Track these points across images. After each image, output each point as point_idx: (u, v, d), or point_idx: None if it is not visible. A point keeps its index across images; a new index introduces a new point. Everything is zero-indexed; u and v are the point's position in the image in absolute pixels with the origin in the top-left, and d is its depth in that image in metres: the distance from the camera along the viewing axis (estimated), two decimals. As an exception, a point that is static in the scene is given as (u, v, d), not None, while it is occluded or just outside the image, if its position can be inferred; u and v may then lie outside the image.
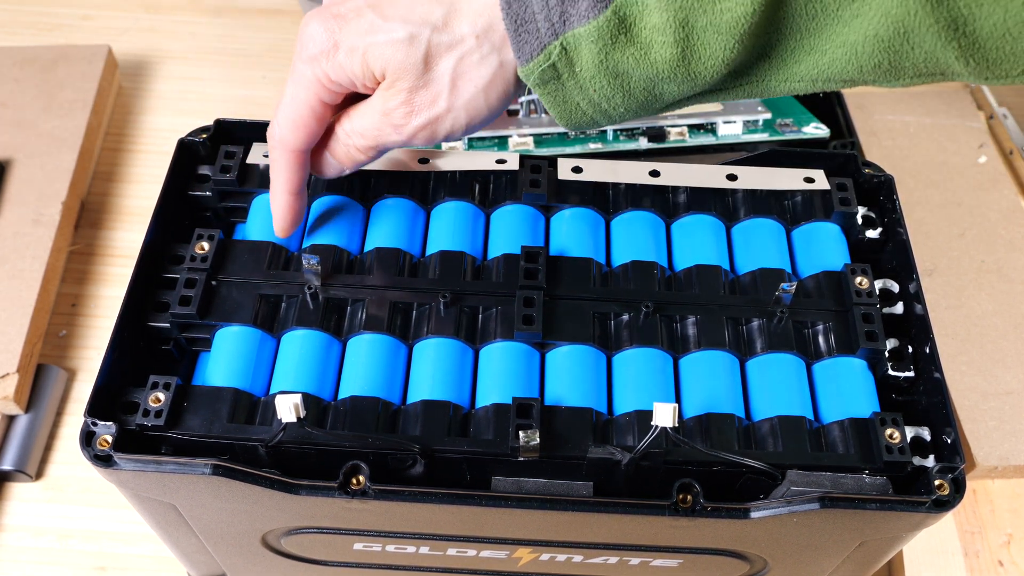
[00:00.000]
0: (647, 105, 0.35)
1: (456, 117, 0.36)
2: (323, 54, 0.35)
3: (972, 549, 0.51)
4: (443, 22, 0.34)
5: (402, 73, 0.35)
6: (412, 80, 0.35)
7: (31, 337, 0.55)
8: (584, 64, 0.33)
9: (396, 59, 0.34)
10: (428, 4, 0.34)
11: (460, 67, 0.34)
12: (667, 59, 0.32)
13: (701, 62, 0.32)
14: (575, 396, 0.37)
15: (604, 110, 0.35)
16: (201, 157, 0.43)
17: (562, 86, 0.34)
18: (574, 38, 0.32)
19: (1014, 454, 0.51)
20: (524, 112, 0.60)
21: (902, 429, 0.35)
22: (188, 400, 0.36)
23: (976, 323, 0.56)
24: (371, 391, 0.37)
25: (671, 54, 0.32)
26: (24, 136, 0.63)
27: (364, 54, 0.34)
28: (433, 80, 0.35)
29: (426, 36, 0.34)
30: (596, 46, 0.32)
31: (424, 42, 0.34)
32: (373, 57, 0.34)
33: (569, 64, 0.33)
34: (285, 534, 0.39)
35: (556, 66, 0.33)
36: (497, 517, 0.35)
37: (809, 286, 0.40)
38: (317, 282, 0.39)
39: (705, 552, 0.38)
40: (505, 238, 0.41)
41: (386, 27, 0.34)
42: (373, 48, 0.34)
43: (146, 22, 0.77)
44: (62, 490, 0.54)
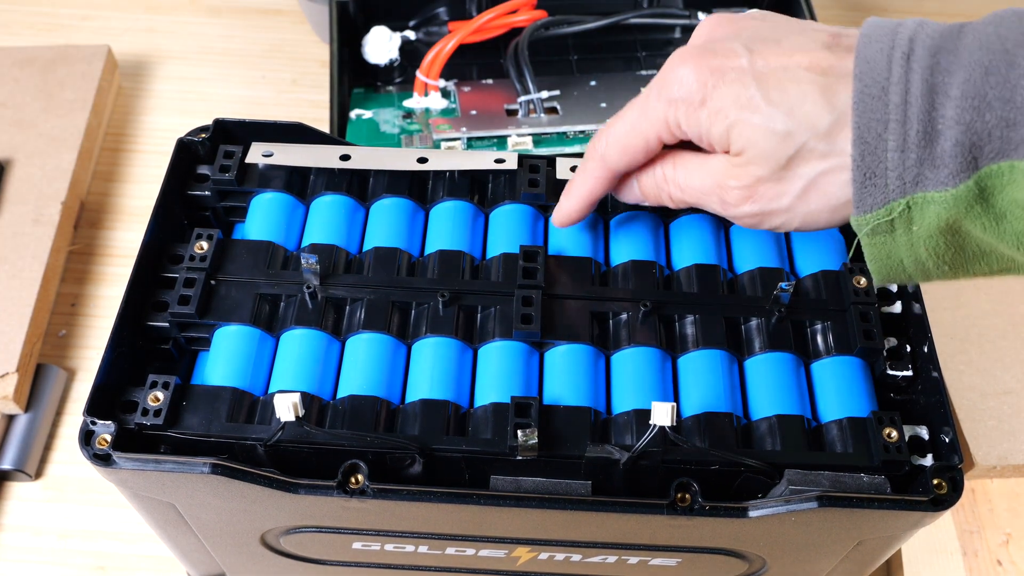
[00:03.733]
0: (971, 268, 0.33)
1: (790, 219, 0.34)
2: (685, 102, 0.33)
3: (971, 548, 0.51)
4: (827, 131, 0.31)
5: (761, 162, 0.33)
6: (767, 172, 0.33)
7: (31, 337, 0.55)
8: (925, 224, 0.31)
9: (762, 147, 0.32)
10: (817, 105, 0.31)
11: (821, 179, 0.32)
12: (1019, 231, 0.30)
13: None
14: (573, 395, 0.37)
15: (926, 269, 0.33)
16: (200, 157, 0.43)
17: (892, 240, 0.32)
18: (923, 200, 0.30)
19: (1012, 453, 0.51)
20: (523, 112, 0.60)
21: (900, 428, 0.36)
22: (187, 399, 0.36)
23: (975, 323, 0.56)
24: (370, 390, 0.37)
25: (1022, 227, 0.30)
26: (24, 136, 0.63)
27: (731, 126, 0.32)
28: (787, 179, 0.33)
29: (804, 139, 0.32)
30: (947, 212, 0.30)
31: (799, 144, 0.32)
32: (738, 133, 0.32)
33: (908, 222, 0.31)
34: (284, 533, 0.39)
35: (894, 222, 0.31)
36: (496, 516, 0.35)
37: (807, 285, 0.40)
38: (316, 281, 0.39)
39: (703, 551, 0.38)
40: (504, 237, 0.41)
41: (767, 111, 0.32)
42: (743, 126, 0.32)
43: (146, 22, 0.77)
44: (62, 490, 0.54)
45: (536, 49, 0.63)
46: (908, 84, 0.30)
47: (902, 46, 0.31)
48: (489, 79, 0.64)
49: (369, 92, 0.64)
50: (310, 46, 0.75)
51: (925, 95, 0.30)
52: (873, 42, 0.31)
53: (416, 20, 0.66)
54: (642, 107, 0.35)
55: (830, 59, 0.32)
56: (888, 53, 0.31)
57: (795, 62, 0.32)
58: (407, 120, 0.61)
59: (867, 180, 0.31)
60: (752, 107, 0.32)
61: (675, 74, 0.34)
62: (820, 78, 0.32)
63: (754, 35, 0.33)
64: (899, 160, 0.30)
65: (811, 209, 0.33)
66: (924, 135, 0.30)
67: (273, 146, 0.43)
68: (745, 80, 0.32)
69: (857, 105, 0.31)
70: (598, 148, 0.37)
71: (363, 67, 0.65)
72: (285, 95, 0.72)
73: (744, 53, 0.33)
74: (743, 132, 0.32)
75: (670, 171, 0.36)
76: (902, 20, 0.32)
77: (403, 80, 0.65)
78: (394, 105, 0.62)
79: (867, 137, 0.31)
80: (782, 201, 0.33)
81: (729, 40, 0.33)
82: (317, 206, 0.42)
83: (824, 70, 0.32)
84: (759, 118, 0.32)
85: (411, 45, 0.65)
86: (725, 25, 0.35)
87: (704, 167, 0.35)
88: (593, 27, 0.64)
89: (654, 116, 0.34)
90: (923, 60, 0.30)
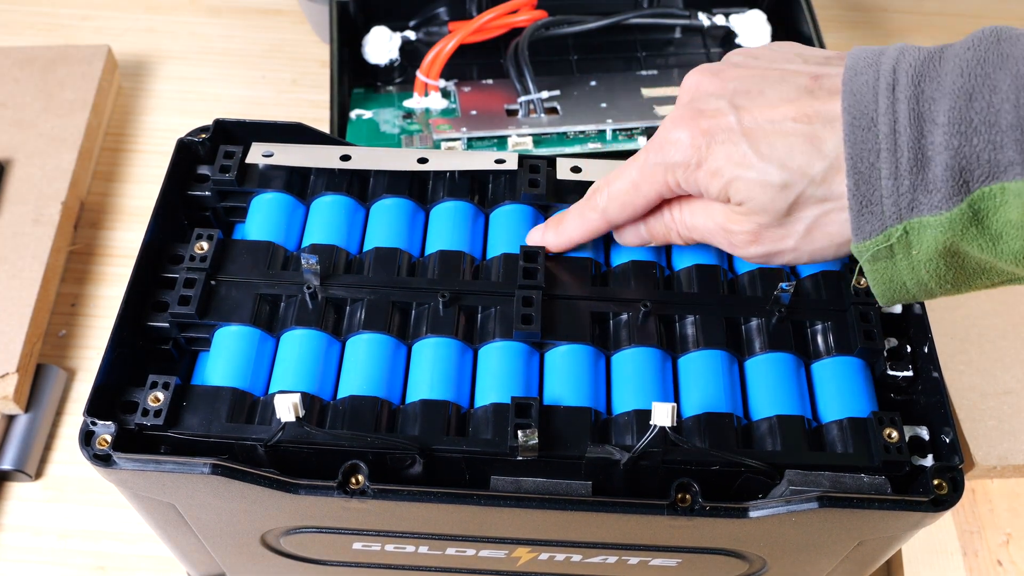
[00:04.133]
0: (972, 284, 0.33)
1: (798, 257, 0.35)
2: (683, 166, 0.35)
3: (971, 549, 0.51)
4: (822, 177, 0.32)
5: (761, 212, 0.34)
6: (768, 220, 0.34)
7: (31, 337, 0.55)
8: (923, 248, 0.32)
9: (761, 200, 0.33)
10: (808, 155, 0.32)
11: (822, 219, 0.34)
12: (1016, 250, 0.31)
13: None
14: (574, 396, 0.37)
15: (929, 289, 0.34)
16: (200, 157, 0.43)
17: (893, 265, 0.33)
18: (920, 225, 0.31)
19: (1013, 453, 0.51)
20: (523, 112, 0.60)
21: (900, 428, 0.36)
22: (187, 400, 0.36)
23: (975, 323, 0.56)
24: (370, 391, 0.37)
25: (1020, 246, 0.31)
26: (24, 136, 0.63)
27: (728, 183, 0.34)
28: (789, 223, 0.34)
29: (800, 188, 0.33)
30: (943, 235, 0.31)
31: (796, 193, 0.33)
32: (736, 189, 0.34)
33: (907, 246, 0.32)
34: (284, 533, 0.39)
35: (893, 247, 0.32)
36: (496, 516, 0.35)
37: (807, 286, 0.40)
38: (316, 282, 0.39)
39: (703, 551, 0.38)
40: (504, 238, 0.41)
41: (760, 167, 0.33)
42: (740, 182, 0.33)
43: (146, 22, 0.77)
44: (62, 490, 0.54)
45: (536, 49, 0.63)
46: (895, 114, 0.31)
47: (886, 76, 0.31)
48: (489, 79, 0.64)
49: (369, 92, 0.64)
50: (310, 46, 0.75)
51: (913, 123, 0.31)
52: (859, 75, 0.32)
53: (416, 20, 0.66)
54: (641, 168, 0.36)
55: (814, 105, 0.33)
56: (873, 85, 0.32)
57: (781, 114, 0.33)
58: (407, 120, 0.61)
59: (863, 208, 0.32)
60: (746, 164, 0.33)
61: (670, 137, 0.35)
62: (806, 127, 0.33)
63: (737, 88, 0.34)
64: (893, 187, 0.31)
65: (816, 247, 0.35)
66: (915, 162, 0.31)
67: (273, 146, 0.43)
68: (735, 139, 0.33)
69: (848, 136, 0.31)
70: (599, 202, 0.38)
71: (363, 67, 0.65)
72: (285, 95, 0.72)
73: (730, 111, 0.34)
74: (741, 188, 0.34)
75: (677, 214, 0.37)
76: (884, 48, 0.33)
77: (403, 80, 0.65)
78: (394, 105, 0.62)
79: (860, 167, 0.31)
80: (787, 242, 0.35)
81: (715, 98, 0.35)
82: (317, 206, 0.42)
83: (810, 117, 0.33)
84: (754, 173, 0.33)
85: (411, 45, 0.65)
86: (709, 80, 0.36)
87: (707, 211, 0.36)
88: (593, 27, 0.64)
89: (653, 178, 0.36)
90: (907, 90, 0.31)
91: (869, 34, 0.78)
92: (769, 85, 0.34)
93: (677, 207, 0.37)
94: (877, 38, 0.78)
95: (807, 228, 0.34)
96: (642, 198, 0.37)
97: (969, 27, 0.79)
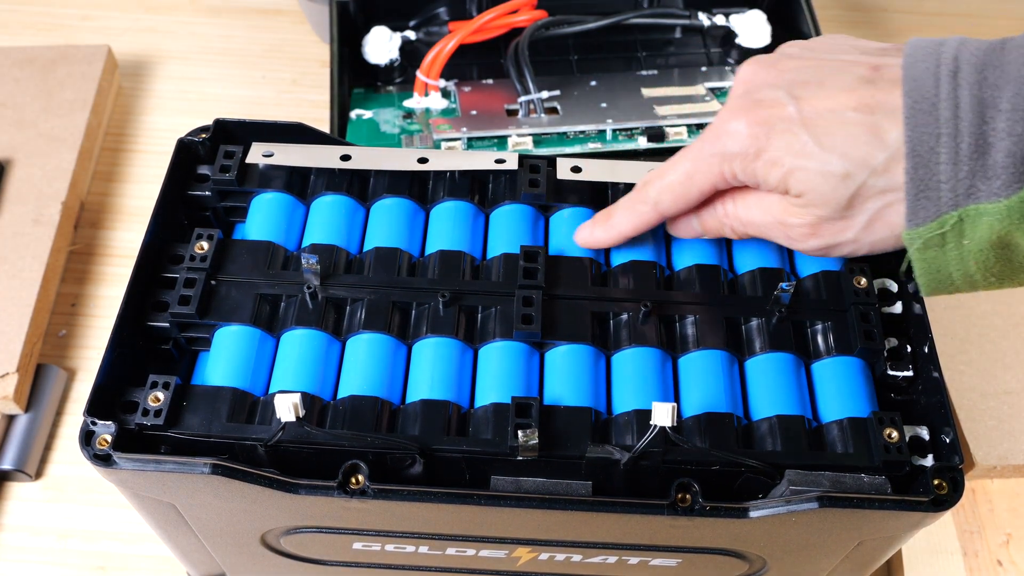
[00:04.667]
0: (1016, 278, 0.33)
1: (857, 248, 0.35)
2: (740, 156, 0.34)
3: (971, 549, 0.51)
4: (883, 167, 0.32)
5: (821, 204, 0.33)
6: (829, 212, 0.33)
7: (31, 337, 0.55)
8: (976, 237, 0.31)
9: (822, 191, 0.33)
10: (869, 144, 0.32)
11: (884, 211, 0.33)
12: None
13: None
14: (574, 396, 0.37)
15: (973, 281, 0.33)
16: (200, 157, 0.43)
17: (943, 255, 0.32)
18: (975, 212, 0.31)
19: (1013, 453, 0.51)
20: (523, 112, 0.60)
21: (901, 428, 0.36)
22: (187, 399, 0.36)
23: (975, 323, 0.56)
24: (370, 390, 0.37)
25: None
26: (24, 136, 0.63)
27: (787, 173, 0.33)
28: (850, 216, 0.33)
29: (862, 178, 0.32)
30: (999, 224, 0.31)
31: (858, 183, 0.32)
32: (796, 180, 0.33)
33: (959, 235, 0.32)
34: (284, 533, 0.39)
35: (945, 235, 0.32)
36: (496, 516, 0.35)
37: (808, 286, 0.40)
38: (316, 282, 0.39)
39: (704, 551, 0.38)
40: (504, 238, 0.41)
41: (821, 156, 0.32)
42: (801, 173, 0.33)
43: (146, 22, 0.77)
44: (62, 490, 0.54)
45: (536, 49, 0.63)
46: (957, 99, 0.31)
47: (947, 64, 0.31)
48: (489, 79, 0.64)
49: (369, 92, 0.64)
50: (310, 46, 0.75)
51: (975, 109, 0.30)
52: (919, 61, 0.32)
53: (416, 20, 0.66)
54: (695, 159, 0.36)
55: (875, 95, 0.32)
56: (935, 71, 0.31)
57: (841, 103, 0.33)
58: (407, 120, 0.61)
59: (920, 193, 0.31)
60: (806, 154, 0.33)
61: (727, 128, 0.34)
62: (868, 117, 0.32)
63: (795, 79, 0.34)
64: (951, 172, 0.31)
65: (877, 238, 0.34)
66: (976, 147, 0.30)
67: (273, 146, 0.43)
68: (795, 129, 0.33)
69: (908, 121, 0.31)
70: (650, 195, 0.37)
71: (363, 67, 0.65)
72: (285, 95, 0.72)
73: (790, 101, 0.33)
74: (801, 178, 0.33)
75: (731, 208, 0.37)
76: (943, 39, 0.32)
77: (403, 80, 0.64)
78: (394, 105, 0.62)
79: (920, 151, 0.31)
80: (847, 234, 0.34)
81: (772, 88, 0.34)
82: (317, 206, 0.42)
83: (871, 108, 0.32)
84: (815, 163, 0.32)
85: (411, 45, 0.65)
86: (764, 71, 0.35)
87: (762, 204, 0.36)
88: (593, 27, 0.64)
89: (708, 169, 0.35)
90: (970, 76, 0.31)
91: (869, 34, 0.78)
92: (827, 75, 0.33)
93: (731, 201, 0.37)
94: (877, 38, 0.78)
95: (868, 220, 0.33)
96: (696, 189, 0.36)
97: (969, 27, 0.79)
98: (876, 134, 0.32)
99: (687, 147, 0.36)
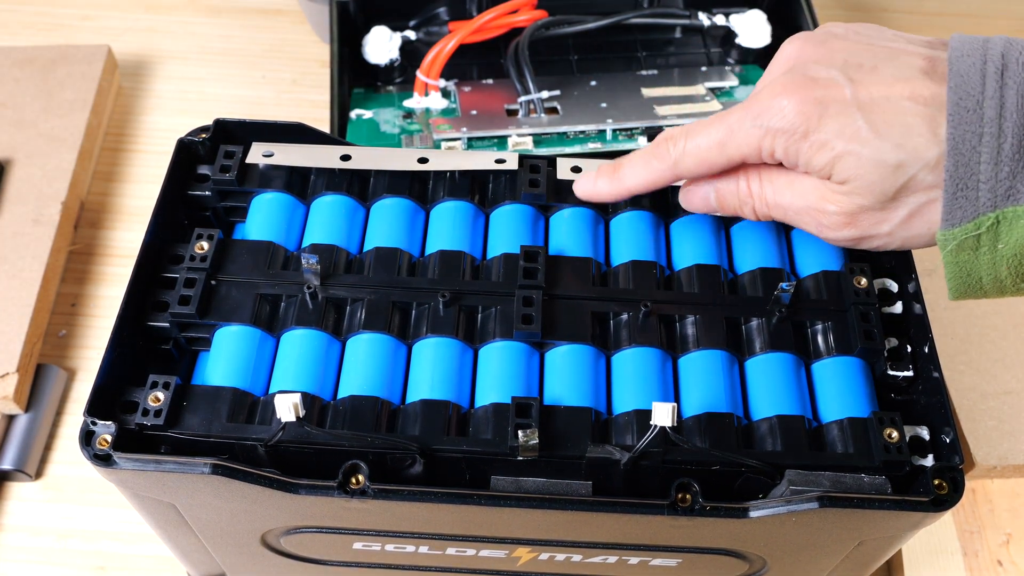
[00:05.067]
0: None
1: (889, 243, 0.34)
2: (786, 134, 0.32)
3: (971, 549, 0.51)
4: (936, 162, 0.31)
5: (866, 192, 0.32)
6: (871, 202, 0.32)
7: (31, 337, 0.55)
8: (1011, 241, 0.31)
9: (870, 179, 0.32)
10: (925, 137, 0.31)
11: (925, 207, 0.32)
12: None
13: None
14: (574, 396, 0.37)
15: (1003, 287, 0.33)
16: (200, 157, 0.43)
17: (976, 258, 0.32)
18: (1014, 214, 0.30)
19: (1013, 454, 0.51)
20: (523, 112, 0.60)
21: (901, 428, 0.35)
22: (187, 399, 0.36)
23: (975, 323, 0.56)
24: (370, 390, 0.37)
25: None
26: (24, 136, 0.63)
27: (836, 157, 0.32)
28: (892, 208, 0.32)
29: (914, 171, 0.31)
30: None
31: (908, 175, 0.31)
32: (845, 165, 0.32)
33: (994, 237, 0.31)
34: (284, 533, 0.39)
35: (980, 238, 0.31)
36: (496, 516, 0.35)
37: (808, 286, 0.40)
38: (316, 282, 0.39)
39: (704, 551, 0.38)
40: (504, 238, 0.41)
41: (876, 143, 0.31)
42: (851, 158, 0.32)
43: (146, 22, 0.77)
44: (62, 490, 0.54)
45: (536, 49, 0.63)
46: (1003, 99, 0.30)
47: (994, 61, 0.31)
48: (489, 79, 0.64)
49: (369, 92, 0.64)
50: (310, 46, 0.75)
51: (1020, 109, 0.30)
52: (965, 57, 0.31)
53: (416, 20, 0.66)
54: (731, 127, 0.34)
55: (931, 88, 0.32)
56: (981, 68, 0.31)
57: (897, 92, 0.32)
58: (407, 120, 0.61)
59: (958, 192, 0.31)
60: (860, 139, 0.31)
61: (775, 103, 0.33)
62: (924, 109, 0.31)
63: (849, 60, 0.33)
64: (992, 173, 0.30)
65: (912, 234, 0.33)
66: (1019, 148, 0.30)
67: (273, 146, 0.43)
68: (850, 112, 0.32)
69: (951, 118, 0.30)
70: (671, 152, 0.35)
71: (363, 67, 0.65)
72: (285, 95, 0.72)
73: (846, 83, 0.32)
74: (849, 163, 0.32)
75: (756, 186, 0.35)
76: (989, 37, 0.32)
77: (403, 80, 0.64)
78: (394, 105, 0.62)
79: (961, 149, 0.30)
80: (883, 227, 0.33)
81: (825, 67, 0.33)
82: (317, 206, 0.42)
83: (927, 100, 0.31)
84: (868, 150, 0.31)
85: (411, 45, 0.65)
86: (814, 48, 0.34)
87: (795, 187, 0.34)
88: (593, 27, 0.64)
89: (744, 140, 0.34)
90: (1017, 76, 0.30)
91: (869, 34, 0.78)
92: (882, 61, 0.32)
93: (757, 179, 0.35)
94: (877, 38, 0.78)
95: (908, 214, 0.32)
96: (725, 158, 0.34)
97: (969, 27, 0.79)
98: (931, 127, 0.31)
99: (722, 113, 0.34)
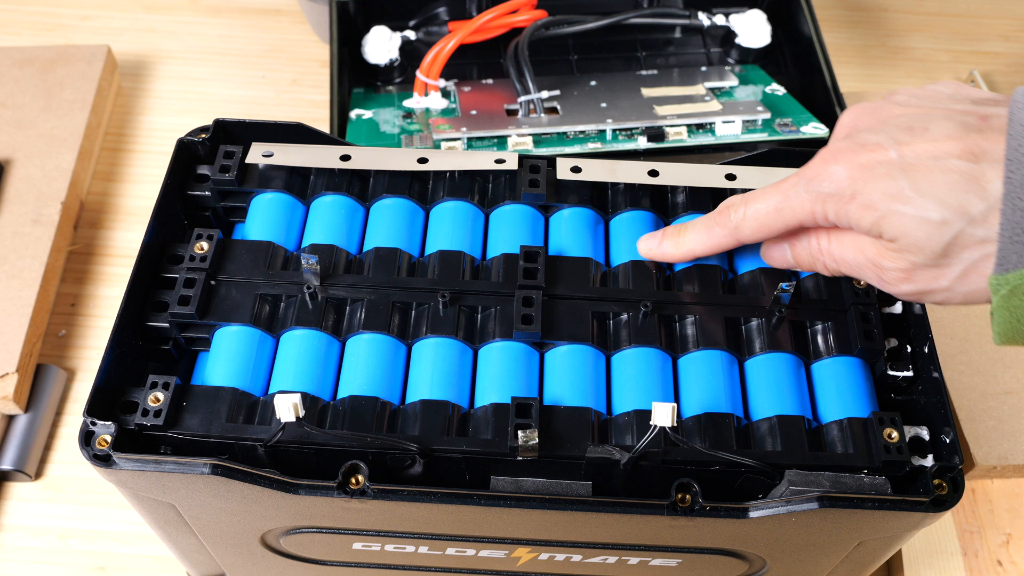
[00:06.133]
0: None
1: (951, 297, 0.34)
2: (836, 198, 0.34)
3: (971, 549, 0.51)
4: (983, 216, 0.31)
5: (916, 250, 0.33)
6: (923, 259, 0.33)
7: (30, 337, 0.55)
8: None
9: (917, 236, 0.32)
10: (968, 193, 0.31)
11: (981, 262, 0.32)
12: None
13: None
14: (574, 396, 0.37)
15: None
16: (200, 157, 0.43)
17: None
18: None
19: (1013, 454, 0.51)
20: (523, 112, 0.60)
21: (901, 429, 0.35)
22: (187, 400, 0.36)
23: (975, 323, 0.56)
24: (370, 391, 0.37)
25: None
26: (23, 136, 0.63)
27: (882, 217, 0.33)
28: (945, 264, 0.33)
29: (959, 227, 0.31)
30: None
31: (955, 232, 0.31)
32: (891, 224, 0.32)
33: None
34: (284, 534, 0.39)
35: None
36: (496, 517, 0.35)
37: (808, 286, 0.40)
38: (316, 282, 0.39)
39: (704, 552, 0.38)
40: (504, 238, 0.41)
41: (919, 202, 0.32)
42: (896, 217, 0.32)
43: (146, 22, 0.77)
44: (61, 490, 0.54)
45: (536, 49, 0.63)
46: None
47: None
48: (489, 79, 0.64)
49: (369, 92, 0.64)
50: (310, 46, 0.75)
51: None
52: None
53: (416, 20, 0.66)
54: (786, 194, 0.35)
55: (980, 144, 0.32)
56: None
57: (945, 150, 0.32)
58: (407, 120, 0.61)
59: (1014, 237, 0.31)
60: (903, 199, 0.32)
61: (826, 170, 0.34)
62: (971, 166, 0.31)
63: (900, 124, 0.33)
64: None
65: (971, 288, 0.33)
66: None
67: (273, 146, 0.43)
68: (893, 173, 0.32)
69: (1008, 164, 0.31)
70: (732, 219, 0.37)
71: (363, 67, 0.65)
72: (285, 95, 0.72)
73: (892, 146, 0.33)
74: (896, 223, 0.32)
75: (824, 243, 0.36)
76: None
77: (403, 80, 0.64)
78: (394, 105, 0.62)
79: (1017, 194, 0.31)
80: (940, 282, 0.33)
81: (875, 132, 0.34)
82: (317, 206, 0.42)
83: (976, 156, 0.32)
84: (911, 209, 0.32)
85: (411, 45, 0.65)
86: (868, 115, 0.35)
87: (856, 244, 0.35)
88: (593, 27, 0.64)
89: (799, 206, 0.35)
90: None
91: (869, 34, 0.78)
92: (933, 121, 0.33)
93: (825, 237, 0.36)
94: (877, 38, 0.78)
95: (964, 270, 0.33)
96: (782, 223, 0.36)
97: (969, 27, 0.79)
98: (977, 182, 0.31)
99: (780, 181, 0.36)
